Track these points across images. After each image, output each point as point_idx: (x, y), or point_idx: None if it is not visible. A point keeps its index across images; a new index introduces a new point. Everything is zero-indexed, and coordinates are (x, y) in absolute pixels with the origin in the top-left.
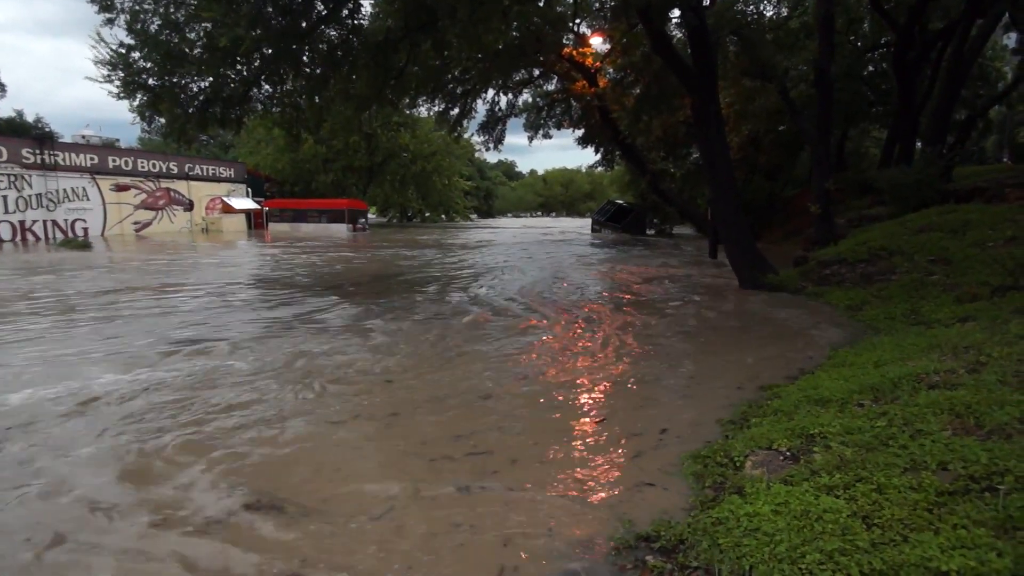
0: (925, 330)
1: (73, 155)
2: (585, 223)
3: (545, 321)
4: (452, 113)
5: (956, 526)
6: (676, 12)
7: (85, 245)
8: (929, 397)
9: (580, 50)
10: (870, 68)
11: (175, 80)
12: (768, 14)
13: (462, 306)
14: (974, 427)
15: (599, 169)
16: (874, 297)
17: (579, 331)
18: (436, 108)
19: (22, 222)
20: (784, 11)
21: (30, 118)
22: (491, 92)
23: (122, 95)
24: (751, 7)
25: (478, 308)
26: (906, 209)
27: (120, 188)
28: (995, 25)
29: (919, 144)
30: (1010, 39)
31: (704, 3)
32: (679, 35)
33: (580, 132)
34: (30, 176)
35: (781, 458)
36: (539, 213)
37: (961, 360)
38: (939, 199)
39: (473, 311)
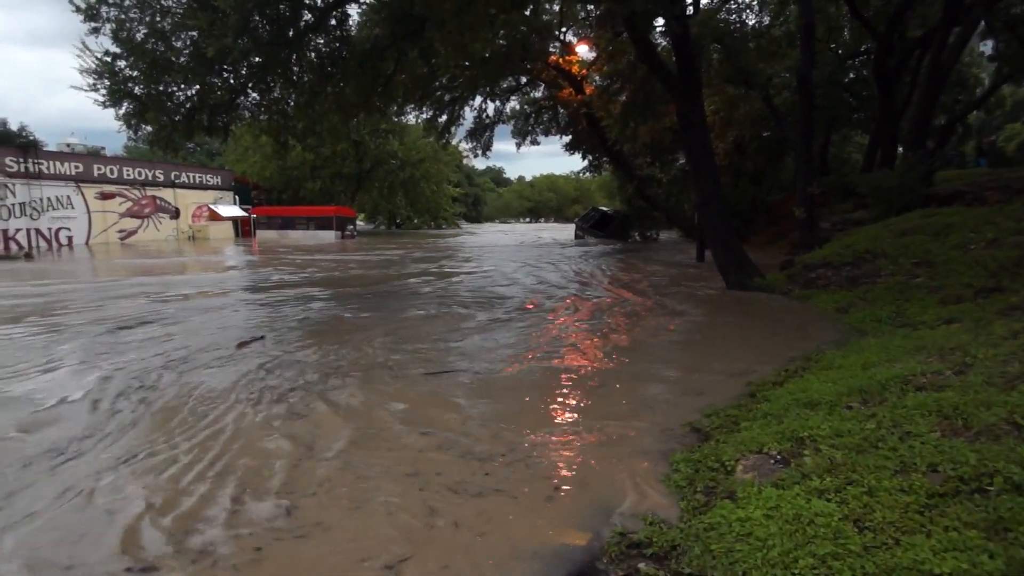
0: (911, 332)
1: (58, 163)
2: (571, 228)
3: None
4: (440, 120)
5: (947, 528)
6: (660, 20)
7: None
8: (917, 399)
9: (566, 58)
10: (851, 75)
11: (161, 88)
12: (751, 23)
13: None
14: (962, 428)
15: (586, 175)
16: (860, 300)
17: (571, 328)
18: (424, 115)
19: (5, 231)
20: (766, 20)
21: (14, 127)
22: (479, 99)
23: (108, 103)
24: (734, 16)
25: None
26: (889, 213)
27: (105, 196)
28: (972, 32)
29: (900, 149)
30: (987, 46)
31: (688, 12)
32: (664, 43)
33: (567, 138)
34: (14, 185)
35: (772, 462)
36: (527, 219)
37: (947, 362)
38: (921, 203)
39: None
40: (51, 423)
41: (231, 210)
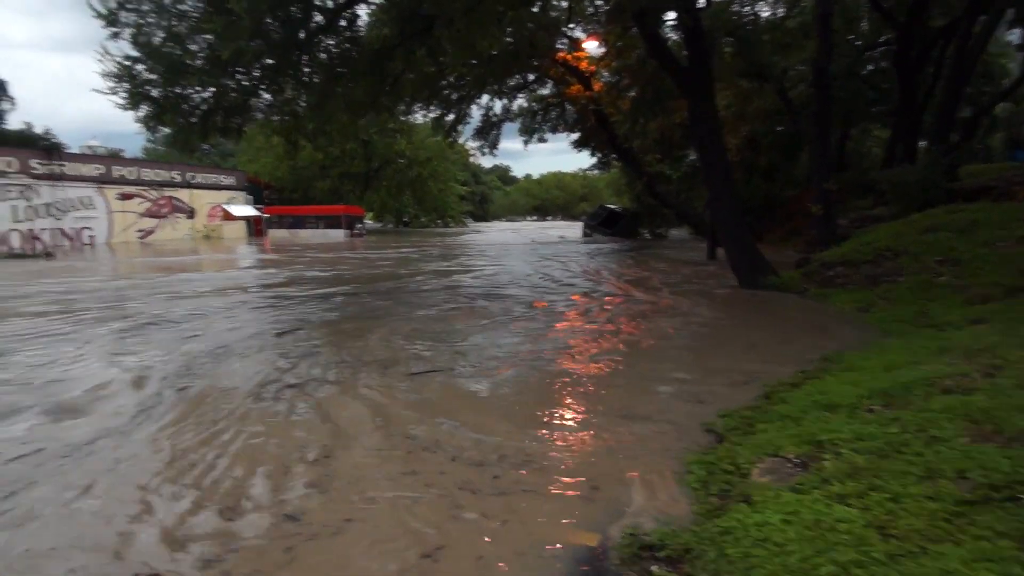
0: (936, 333)
1: (80, 165)
2: (579, 226)
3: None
4: (447, 119)
5: (978, 537)
6: (671, 14)
7: None
8: (943, 402)
9: (575, 54)
10: (870, 67)
11: (178, 91)
12: (765, 14)
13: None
14: (993, 433)
15: (594, 172)
16: (881, 299)
17: (581, 327)
18: (431, 114)
19: (31, 230)
20: (781, 11)
21: (39, 130)
22: (486, 97)
23: (128, 106)
24: (747, 8)
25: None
26: (911, 209)
27: (125, 197)
28: (998, 21)
29: (923, 143)
30: (1014, 35)
31: (700, 4)
32: (674, 37)
33: (575, 136)
34: (39, 186)
35: (789, 465)
36: (534, 217)
37: (975, 364)
38: (945, 198)
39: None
40: (87, 411)
41: (244, 210)
